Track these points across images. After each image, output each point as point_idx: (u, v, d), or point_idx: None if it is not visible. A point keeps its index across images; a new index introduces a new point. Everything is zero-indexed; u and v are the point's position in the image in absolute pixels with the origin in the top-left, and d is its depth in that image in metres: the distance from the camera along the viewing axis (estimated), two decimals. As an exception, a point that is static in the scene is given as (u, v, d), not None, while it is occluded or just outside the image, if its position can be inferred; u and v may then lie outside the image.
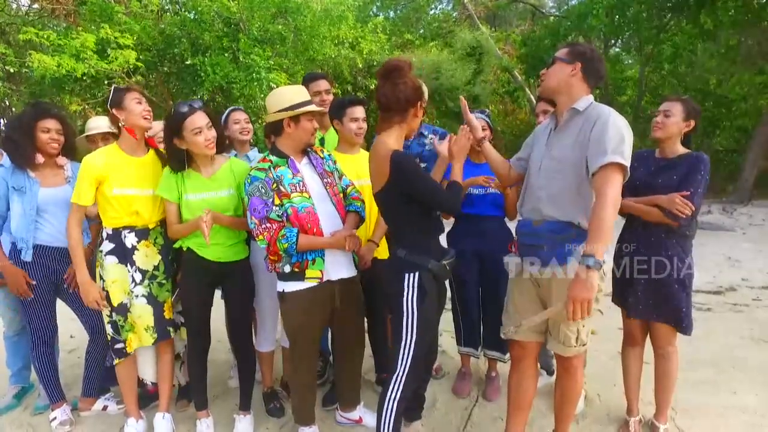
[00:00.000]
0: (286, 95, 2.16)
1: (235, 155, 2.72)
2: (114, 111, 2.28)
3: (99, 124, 2.83)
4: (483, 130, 2.65)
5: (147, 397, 2.75)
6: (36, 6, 13.13)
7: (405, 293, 1.95)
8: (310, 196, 2.16)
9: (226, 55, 10.83)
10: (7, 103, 11.52)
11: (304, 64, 12.16)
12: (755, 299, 4.51)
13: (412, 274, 1.93)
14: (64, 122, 2.57)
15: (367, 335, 2.69)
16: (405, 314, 1.95)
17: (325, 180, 2.24)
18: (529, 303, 2.06)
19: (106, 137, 2.78)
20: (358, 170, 2.52)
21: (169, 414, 2.54)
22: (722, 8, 8.40)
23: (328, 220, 2.18)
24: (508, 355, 2.73)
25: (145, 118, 2.28)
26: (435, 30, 16.46)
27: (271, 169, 2.14)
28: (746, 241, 7.03)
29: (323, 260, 2.16)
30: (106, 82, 10.27)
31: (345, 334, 2.38)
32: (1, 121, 15.61)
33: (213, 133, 2.24)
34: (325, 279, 2.17)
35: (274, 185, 2.10)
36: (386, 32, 14.11)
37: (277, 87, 10.67)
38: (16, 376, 2.91)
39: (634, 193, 2.26)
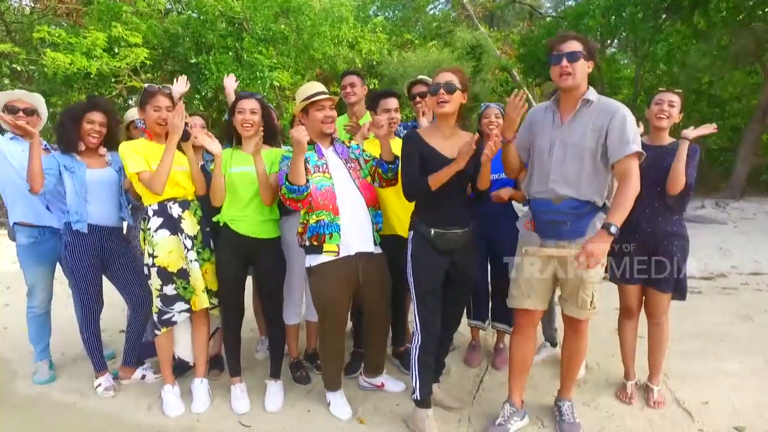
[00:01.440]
0: (301, 92, 2.54)
1: None
2: (139, 111, 2.61)
3: (136, 113, 3.06)
4: (497, 117, 2.93)
5: (180, 367, 2.97)
6: (38, 6, 13.24)
7: (406, 255, 2.38)
8: (330, 177, 2.44)
9: (229, 54, 11.03)
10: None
11: (305, 63, 12.40)
12: (743, 284, 4.78)
13: (410, 233, 2.38)
14: (110, 116, 2.81)
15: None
16: (408, 279, 2.37)
17: (348, 165, 2.53)
18: (543, 278, 2.29)
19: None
20: None
21: (206, 379, 2.78)
22: (714, 9, 8.67)
23: (349, 199, 2.46)
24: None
25: (159, 125, 2.56)
26: (434, 30, 16.70)
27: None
28: (738, 233, 7.30)
29: (339, 235, 2.41)
30: (113, 79, 10.46)
31: (370, 308, 2.61)
32: None
33: (253, 117, 2.55)
34: (343, 253, 2.42)
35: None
36: (386, 32, 14.35)
37: (280, 86, 10.81)
38: (43, 352, 3.10)
39: (642, 178, 2.34)
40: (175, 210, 2.57)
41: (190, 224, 2.60)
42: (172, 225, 2.56)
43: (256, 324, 3.45)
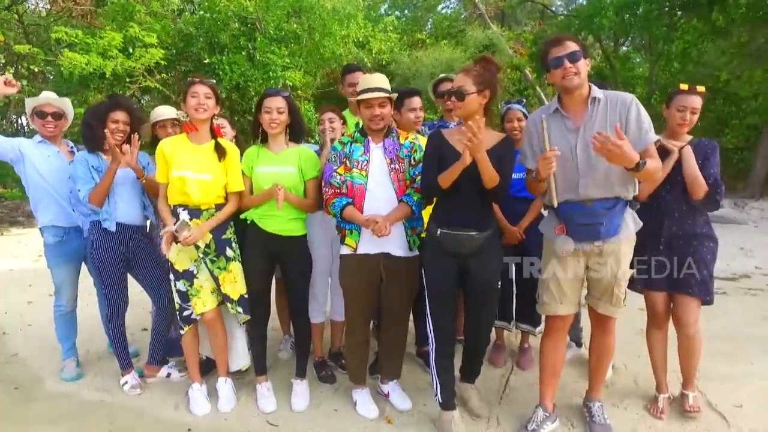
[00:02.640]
0: (361, 83, 2.47)
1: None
2: (183, 105, 2.57)
3: (163, 111, 3.08)
4: (519, 120, 2.89)
5: (205, 366, 2.96)
6: (54, 8, 13.40)
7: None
8: (366, 175, 2.41)
9: (242, 54, 11.08)
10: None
11: (315, 63, 12.41)
12: (769, 285, 4.71)
13: (426, 233, 2.40)
14: (133, 114, 2.82)
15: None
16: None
17: (392, 165, 2.43)
18: (573, 281, 2.26)
19: (175, 123, 3.02)
20: None
21: (230, 378, 2.78)
22: (734, 5, 8.55)
23: (382, 200, 2.40)
24: (538, 328, 2.98)
25: (197, 110, 2.48)
26: (446, 29, 16.65)
27: (349, 143, 2.47)
28: (758, 233, 7.22)
29: (359, 233, 2.43)
30: (127, 80, 10.55)
31: (388, 308, 2.59)
32: (22, 119, 16.03)
33: (280, 117, 2.53)
34: (361, 250, 2.43)
35: (344, 158, 2.44)
36: (397, 31, 14.33)
37: (293, 85, 10.80)
38: (70, 350, 3.12)
39: (664, 180, 2.36)
40: (183, 216, 2.51)
41: None
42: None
43: (278, 323, 3.45)
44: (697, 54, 11.22)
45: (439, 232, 2.28)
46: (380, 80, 2.43)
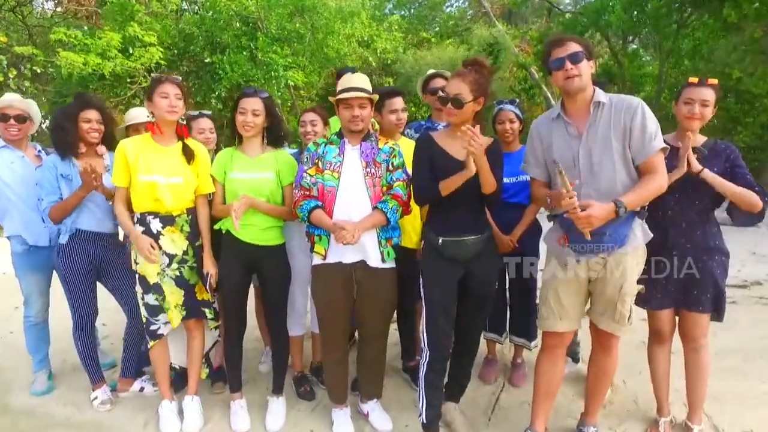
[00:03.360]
0: (340, 83, 2.32)
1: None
2: (147, 103, 2.40)
3: (137, 114, 2.93)
4: (512, 122, 2.72)
5: (181, 380, 2.83)
6: (59, 9, 13.42)
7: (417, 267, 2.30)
8: (338, 178, 2.26)
9: (244, 53, 10.98)
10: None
11: (319, 62, 12.29)
12: (782, 293, 4.46)
13: (421, 244, 2.32)
14: (105, 113, 2.69)
15: (396, 323, 2.76)
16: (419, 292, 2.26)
17: (367, 170, 2.28)
18: (576, 295, 2.10)
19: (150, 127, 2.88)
20: None
21: (197, 396, 2.62)
22: (746, 0, 8.26)
23: (354, 205, 2.24)
24: (534, 342, 2.80)
25: (170, 113, 2.33)
26: (451, 27, 16.47)
27: (324, 144, 2.33)
28: (771, 237, 6.92)
29: (328, 240, 2.26)
30: (128, 80, 10.50)
31: (363, 324, 2.43)
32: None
33: (256, 120, 2.37)
34: (331, 259, 2.27)
35: (317, 159, 2.30)
36: (402, 30, 14.17)
37: (295, 85, 10.71)
38: (42, 362, 3.00)
39: (673, 186, 2.10)
40: (154, 225, 2.37)
41: (170, 242, 2.40)
42: (152, 238, 2.37)
43: (260, 333, 3.30)
44: (708, 51, 10.91)
45: (441, 241, 2.16)
46: (361, 80, 2.29)
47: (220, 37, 11.01)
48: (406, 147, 2.45)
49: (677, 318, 2.33)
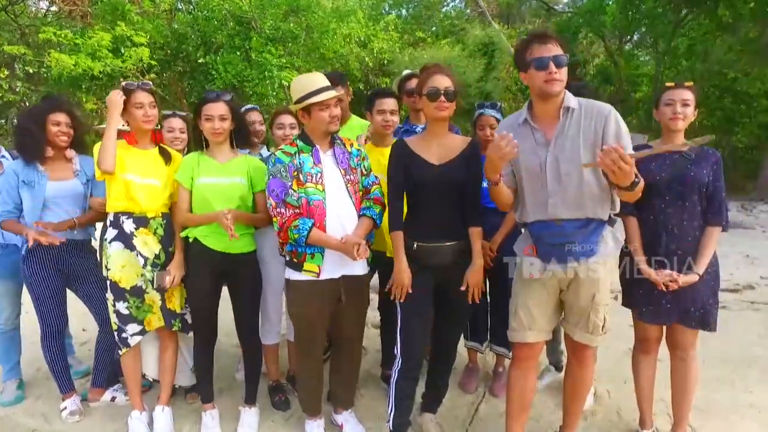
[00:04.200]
0: (299, 85, 2.18)
1: (248, 153, 2.67)
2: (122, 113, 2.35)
3: None
4: (492, 127, 2.65)
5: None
6: (54, 8, 13.36)
7: None
8: (323, 189, 2.15)
9: (237, 53, 10.91)
10: (27, 104, 11.74)
11: (315, 62, 12.22)
12: (775, 297, 4.39)
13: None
14: (74, 116, 2.62)
15: (379, 330, 2.69)
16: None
17: (347, 177, 2.21)
18: (544, 306, 2.03)
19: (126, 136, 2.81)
20: (386, 164, 2.42)
21: (168, 407, 2.56)
22: (742, 0, 8.21)
23: (341, 217, 2.16)
24: (514, 351, 2.72)
25: (146, 122, 2.34)
26: (447, 27, 16.39)
27: (297, 154, 2.16)
28: (766, 239, 6.86)
29: (323, 256, 2.15)
30: (121, 80, 10.43)
31: (343, 329, 2.36)
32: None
33: (223, 125, 2.30)
34: (324, 276, 2.17)
35: (295, 172, 2.13)
36: (398, 30, 14.09)
37: (289, 85, 10.67)
38: (12, 371, 2.94)
39: (651, 189, 2.07)
40: (127, 225, 2.33)
41: (142, 243, 2.35)
42: (125, 239, 2.33)
43: (238, 340, 3.22)
44: (704, 51, 10.86)
45: (415, 246, 2.10)
46: (324, 79, 2.20)
47: (214, 37, 10.94)
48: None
49: (665, 327, 2.26)
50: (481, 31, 13.31)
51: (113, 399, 2.80)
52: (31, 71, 11.87)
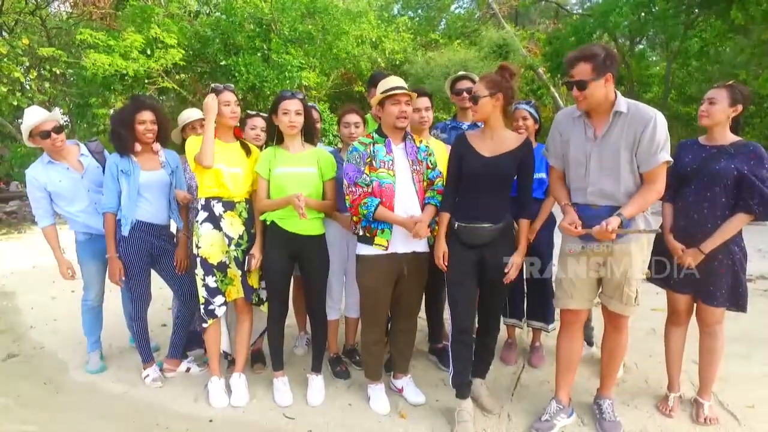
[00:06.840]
0: (380, 86, 2.53)
1: None
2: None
3: (191, 114, 3.20)
4: (524, 119, 2.93)
5: (225, 361, 3.07)
6: (75, 11, 13.70)
7: None
8: (394, 175, 2.47)
9: (258, 55, 11.22)
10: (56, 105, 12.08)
11: (330, 63, 12.52)
12: (786, 287, 4.65)
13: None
14: (158, 113, 2.92)
15: (424, 306, 2.98)
16: None
17: (414, 167, 2.51)
18: (583, 278, 2.32)
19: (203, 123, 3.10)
20: None
21: (243, 375, 2.85)
22: (754, 2, 8.40)
23: (406, 199, 2.48)
24: (551, 325, 3.02)
25: (233, 118, 2.65)
26: (459, 29, 16.63)
27: (371, 144, 2.50)
28: (776, 234, 7.06)
29: (391, 232, 2.47)
30: (146, 81, 10.77)
31: (404, 301, 2.64)
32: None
33: (298, 119, 2.61)
34: (391, 249, 2.48)
35: (368, 159, 2.46)
36: (410, 31, 14.37)
37: (307, 85, 10.87)
38: (96, 343, 3.24)
39: (683, 180, 2.37)
40: (217, 209, 2.63)
41: (229, 225, 2.64)
42: (215, 221, 2.63)
43: (308, 315, 3.49)
44: (715, 53, 11.05)
45: (456, 226, 2.40)
46: (400, 80, 2.54)
47: (235, 39, 11.25)
48: (436, 147, 2.73)
49: (695, 304, 2.49)
50: (494, 33, 13.55)
51: (188, 370, 3.11)
52: (58, 72, 12.26)
